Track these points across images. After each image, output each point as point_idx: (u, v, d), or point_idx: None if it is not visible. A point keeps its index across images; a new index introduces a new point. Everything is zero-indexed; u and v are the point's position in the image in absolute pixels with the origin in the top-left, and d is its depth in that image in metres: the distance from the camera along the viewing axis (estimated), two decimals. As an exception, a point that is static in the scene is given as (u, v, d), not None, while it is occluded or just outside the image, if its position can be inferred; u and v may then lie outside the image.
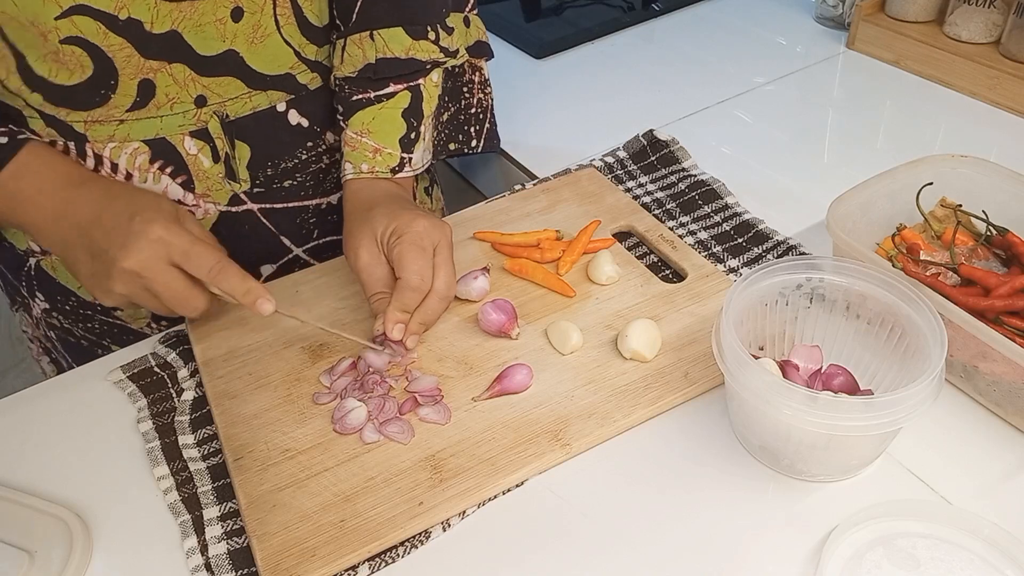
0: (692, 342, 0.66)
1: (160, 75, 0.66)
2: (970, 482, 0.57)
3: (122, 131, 0.68)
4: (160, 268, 0.62)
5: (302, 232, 0.82)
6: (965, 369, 0.61)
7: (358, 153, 0.74)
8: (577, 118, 1.01)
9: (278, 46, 0.71)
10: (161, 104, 0.68)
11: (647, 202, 0.83)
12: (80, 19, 0.61)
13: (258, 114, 0.73)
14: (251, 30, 0.68)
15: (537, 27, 1.23)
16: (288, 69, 0.73)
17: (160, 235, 0.61)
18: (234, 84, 0.70)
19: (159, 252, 0.61)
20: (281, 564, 0.53)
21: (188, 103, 0.69)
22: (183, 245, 0.62)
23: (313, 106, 0.77)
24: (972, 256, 0.67)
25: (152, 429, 0.65)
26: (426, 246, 0.66)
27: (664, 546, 0.55)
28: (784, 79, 1.05)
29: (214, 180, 0.73)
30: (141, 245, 0.61)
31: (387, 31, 0.73)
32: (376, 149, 0.74)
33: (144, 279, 0.62)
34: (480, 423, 0.61)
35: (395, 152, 0.75)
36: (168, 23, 0.64)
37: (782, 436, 0.55)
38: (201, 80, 0.68)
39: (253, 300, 0.64)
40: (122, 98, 0.66)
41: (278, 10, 0.69)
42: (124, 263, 0.61)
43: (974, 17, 0.98)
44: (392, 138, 0.74)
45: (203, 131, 0.71)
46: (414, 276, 0.65)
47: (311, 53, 0.74)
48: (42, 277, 0.78)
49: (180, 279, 0.63)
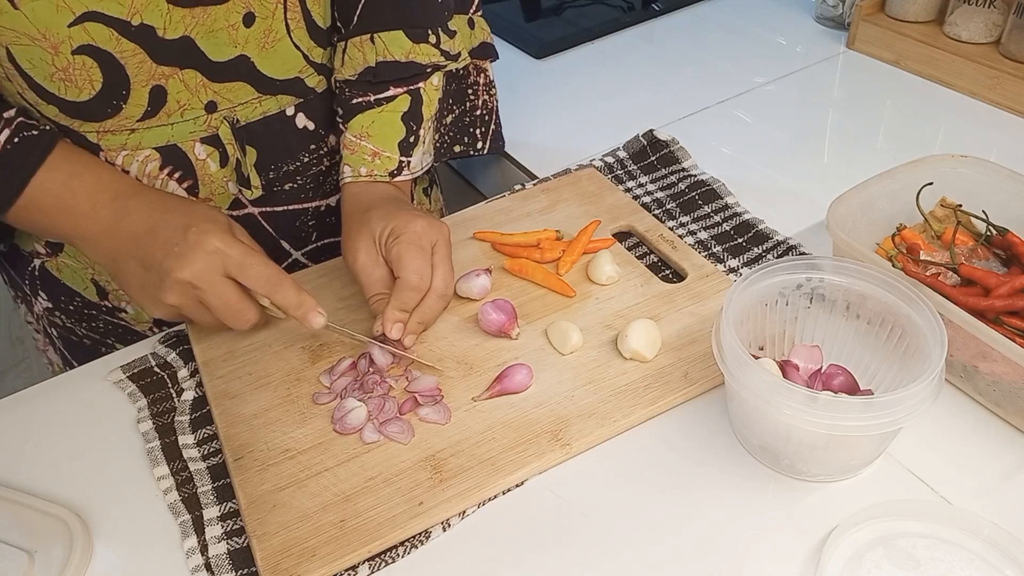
0: (692, 342, 0.66)
1: (172, 81, 0.66)
2: (970, 482, 0.57)
3: (134, 139, 0.68)
4: (215, 279, 0.62)
5: (301, 235, 0.82)
6: (965, 369, 0.61)
7: (357, 156, 0.74)
8: (577, 118, 1.01)
9: (288, 50, 0.71)
10: (172, 111, 0.68)
11: (647, 202, 0.83)
12: (92, 26, 0.61)
13: (268, 119, 0.73)
14: (262, 35, 0.68)
15: (537, 27, 1.23)
16: (297, 73, 0.73)
17: (217, 246, 0.62)
18: (245, 89, 0.70)
19: (215, 264, 0.62)
20: (281, 564, 0.53)
21: (199, 109, 0.69)
22: (239, 257, 0.62)
23: (320, 109, 0.77)
24: (972, 256, 0.67)
25: (152, 429, 0.65)
26: (424, 245, 0.66)
27: (664, 546, 0.55)
28: (784, 79, 1.05)
29: (218, 184, 0.73)
30: (197, 256, 0.61)
31: (387, 34, 0.73)
32: (375, 152, 0.74)
33: (199, 290, 0.62)
34: (480, 423, 0.61)
35: (394, 156, 0.75)
36: (180, 29, 0.64)
37: (782, 436, 0.55)
38: (212, 86, 0.68)
39: (305, 313, 0.64)
40: (134, 108, 0.67)
41: (289, 14, 0.69)
42: (179, 274, 0.61)
43: (974, 17, 0.98)
44: (391, 142, 0.75)
45: (213, 137, 0.71)
46: (413, 275, 0.65)
47: (318, 56, 0.74)
48: (46, 278, 0.78)
49: (234, 291, 0.63)
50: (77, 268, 0.77)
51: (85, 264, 0.76)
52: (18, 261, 0.80)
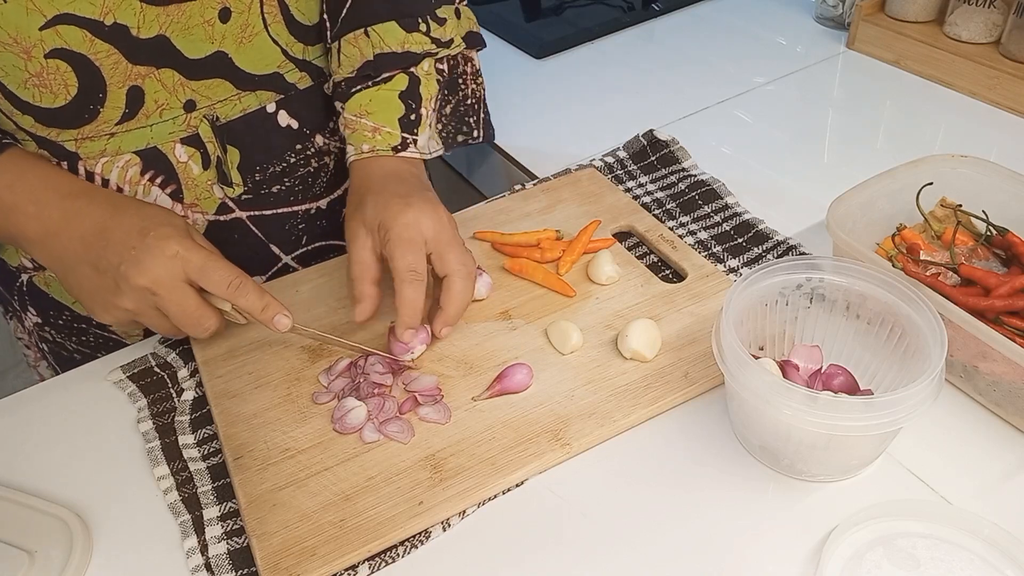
0: (692, 342, 0.66)
1: (148, 81, 0.66)
2: (970, 482, 0.57)
3: (113, 144, 0.68)
4: (174, 285, 0.60)
5: (291, 239, 0.81)
6: (965, 369, 0.61)
7: (358, 134, 0.73)
8: (577, 118, 1.01)
9: (265, 45, 0.70)
10: (151, 112, 0.67)
11: (647, 202, 0.83)
12: (65, 28, 0.60)
13: (248, 116, 0.73)
14: (239, 30, 0.68)
15: (537, 27, 1.23)
16: (276, 68, 0.73)
17: (176, 251, 0.60)
18: (223, 86, 0.70)
19: (174, 269, 0.60)
20: (281, 564, 0.53)
21: (177, 108, 0.68)
22: (199, 261, 0.61)
23: (303, 107, 0.76)
24: (972, 256, 0.67)
25: (152, 429, 0.65)
26: (413, 237, 0.64)
27: (664, 546, 0.55)
28: (784, 79, 1.05)
29: (203, 188, 0.73)
30: (157, 261, 0.59)
31: (381, 26, 0.72)
32: (375, 128, 0.73)
33: (157, 296, 0.60)
34: (480, 423, 0.61)
35: (395, 131, 0.73)
36: (155, 27, 0.63)
37: (782, 436, 0.55)
38: (190, 84, 0.68)
39: (271, 316, 0.63)
40: (111, 111, 0.66)
41: (265, 8, 0.69)
42: (137, 280, 0.59)
43: (974, 17, 0.98)
44: (391, 117, 0.73)
45: (194, 137, 0.70)
46: (406, 272, 0.64)
47: (298, 51, 0.74)
48: (34, 292, 0.77)
49: (193, 297, 0.61)
50: None
51: None
52: (6, 276, 0.78)
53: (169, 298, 0.60)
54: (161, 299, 0.60)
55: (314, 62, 0.76)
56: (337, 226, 0.84)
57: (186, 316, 0.62)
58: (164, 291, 0.60)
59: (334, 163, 0.81)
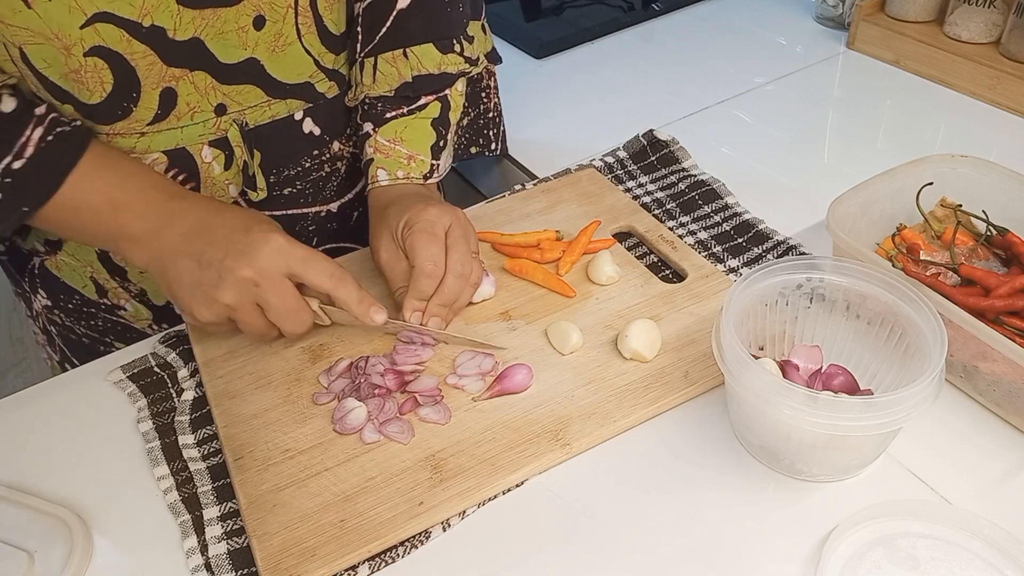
0: (692, 342, 0.66)
1: (182, 83, 0.67)
2: (970, 482, 0.57)
3: (143, 143, 0.68)
4: (278, 278, 0.62)
5: (301, 240, 0.81)
6: (965, 369, 0.61)
7: (392, 160, 0.75)
8: (577, 118, 1.01)
9: (298, 55, 0.71)
10: (182, 114, 0.68)
11: (647, 202, 0.83)
12: (104, 27, 0.61)
13: (276, 122, 0.74)
14: (272, 38, 0.68)
15: (537, 27, 1.23)
16: (308, 78, 0.73)
17: (281, 244, 0.62)
18: (254, 92, 0.70)
19: (279, 261, 0.62)
20: (281, 564, 0.53)
21: (208, 112, 0.69)
22: (303, 253, 0.63)
23: (327, 115, 0.77)
24: (972, 256, 0.67)
25: (152, 429, 0.65)
26: (436, 231, 0.67)
27: (664, 546, 0.55)
28: (784, 79, 1.05)
29: (219, 187, 0.73)
30: (262, 253, 0.61)
31: (419, 48, 0.73)
32: (410, 156, 0.75)
33: (259, 288, 0.62)
34: (480, 423, 0.61)
35: (427, 159, 0.76)
36: (191, 30, 0.64)
37: (782, 436, 0.55)
38: (222, 88, 0.68)
39: (367, 309, 0.64)
40: (144, 111, 0.67)
41: (300, 19, 0.69)
42: (242, 271, 0.61)
43: (974, 17, 0.98)
44: (424, 146, 0.76)
45: (222, 140, 0.71)
46: (427, 263, 0.65)
47: (329, 62, 0.74)
48: (45, 276, 0.78)
49: (293, 290, 0.63)
50: (76, 266, 0.77)
51: (84, 262, 0.76)
52: (18, 259, 0.80)
53: (271, 289, 0.62)
54: (263, 291, 0.62)
55: (340, 70, 0.77)
56: (347, 229, 0.85)
57: (286, 308, 0.63)
58: (267, 282, 0.62)
59: (346, 168, 0.82)
